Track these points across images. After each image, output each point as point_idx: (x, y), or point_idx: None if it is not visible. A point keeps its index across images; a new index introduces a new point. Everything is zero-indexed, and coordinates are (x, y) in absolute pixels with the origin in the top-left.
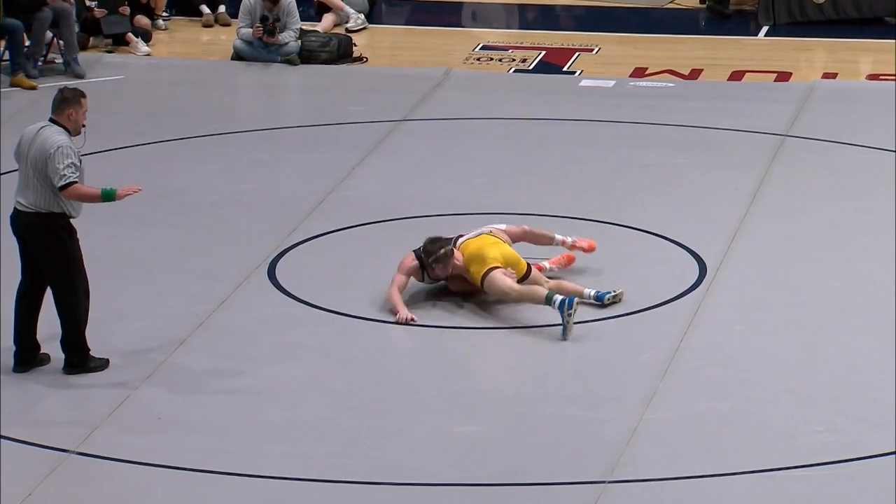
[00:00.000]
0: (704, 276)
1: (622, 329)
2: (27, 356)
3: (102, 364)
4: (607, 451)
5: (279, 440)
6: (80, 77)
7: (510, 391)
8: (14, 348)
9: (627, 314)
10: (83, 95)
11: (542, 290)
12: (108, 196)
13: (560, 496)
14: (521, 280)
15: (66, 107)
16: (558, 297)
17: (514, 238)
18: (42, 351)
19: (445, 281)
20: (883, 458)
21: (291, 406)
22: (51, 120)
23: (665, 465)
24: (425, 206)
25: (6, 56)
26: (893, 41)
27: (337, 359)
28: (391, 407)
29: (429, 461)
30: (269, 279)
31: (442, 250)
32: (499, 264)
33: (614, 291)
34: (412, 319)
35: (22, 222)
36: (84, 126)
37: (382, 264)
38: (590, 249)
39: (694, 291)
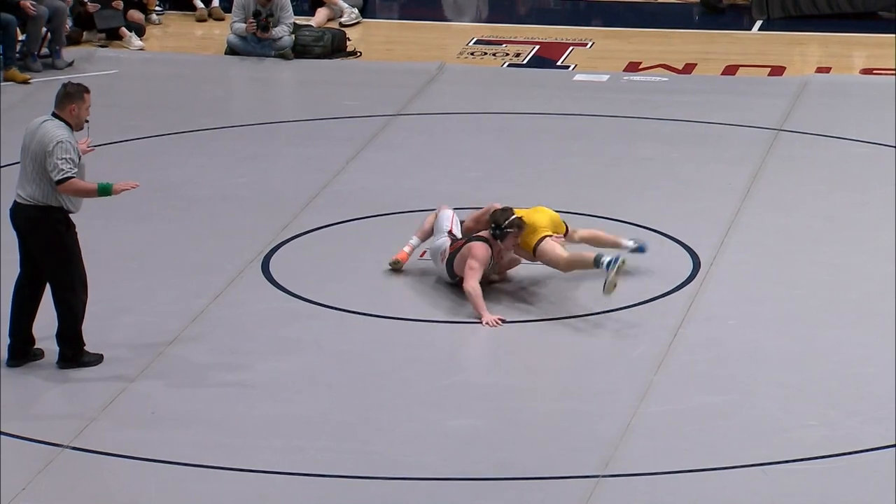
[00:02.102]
0: (698, 271)
1: (616, 323)
2: (22, 350)
3: (96, 359)
4: (601, 445)
5: (273, 434)
6: (58, 69)
7: (504, 385)
8: (9, 341)
9: (621, 308)
10: (86, 91)
11: (590, 254)
12: (104, 190)
13: (554, 490)
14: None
15: (69, 102)
16: (605, 258)
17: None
18: (36, 346)
19: (496, 262)
20: (877, 451)
21: (285, 400)
22: (53, 114)
23: (659, 459)
24: (420, 200)
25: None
26: (887, 35)
27: (331, 353)
28: (385, 401)
29: (423, 455)
30: (264, 273)
31: (515, 216)
32: (549, 232)
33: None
34: (500, 321)
35: (21, 215)
36: (87, 121)
37: (377, 259)
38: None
39: (688, 285)
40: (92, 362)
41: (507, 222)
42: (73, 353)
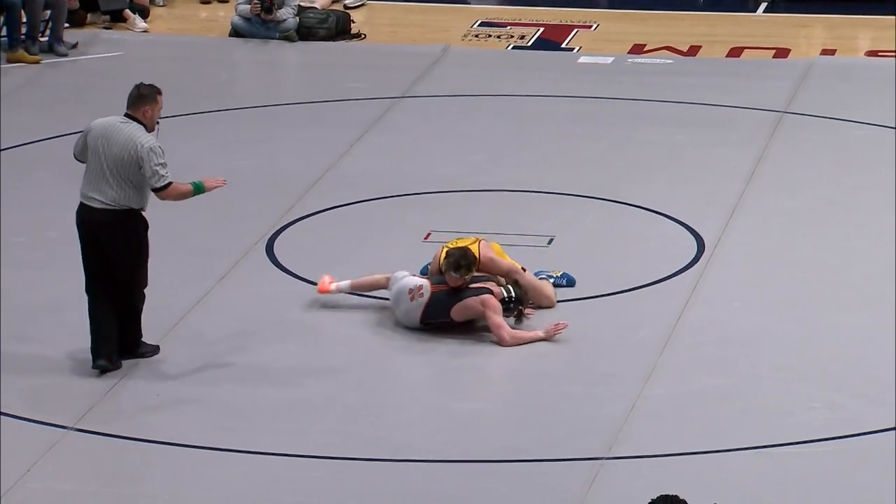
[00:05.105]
0: (702, 253)
1: (620, 306)
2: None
3: (153, 350)
4: (605, 428)
5: (277, 417)
6: (62, 56)
7: (508, 368)
8: (92, 351)
9: (625, 291)
10: (159, 92)
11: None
12: (198, 189)
13: (558, 473)
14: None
15: (143, 104)
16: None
17: None
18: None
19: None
20: (880, 434)
21: (289, 383)
22: (126, 115)
23: (663, 442)
24: (424, 183)
25: (4, 32)
26: (892, 17)
27: (335, 336)
28: (389, 384)
29: (427, 438)
30: (268, 256)
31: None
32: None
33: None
34: (560, 324)
35: (98, 219)
36: (158, 123)
37: (381, 241)
38: None
39: (692, 268)
40: (148, 353)
41: (521, 303)
42: (131, 343)
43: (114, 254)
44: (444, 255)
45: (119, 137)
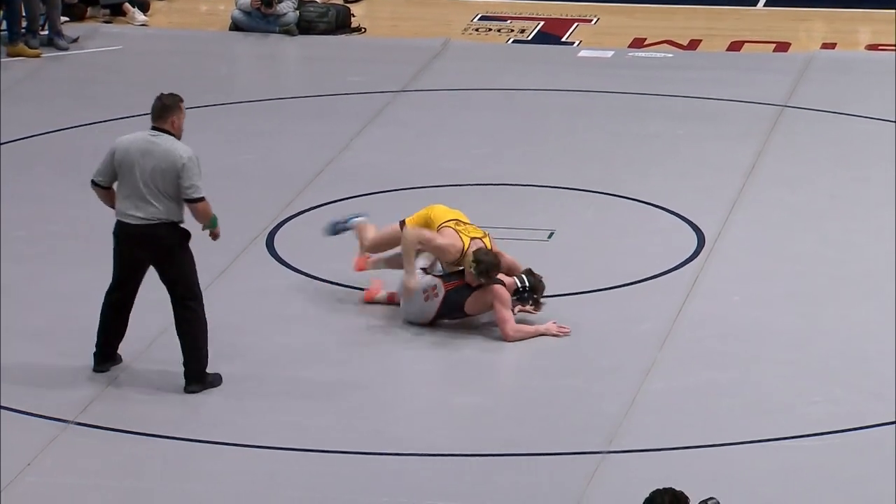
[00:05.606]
0: (703, 247)
1: (621, 300)
2: (108, 355)
3: (217, 380)
4: (606, 422)
5: (277, 411)
6: (63, 50)
7: (509, 362)
8: (96, 349)
9: (626, 285)
10: (181, 100)
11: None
12: (214, 222)
13: (559, 466)
14: None
15: (169, 114)
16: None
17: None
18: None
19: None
20: (881, 428)
21: (290, 377)
22: (154, 128)
23: (664, 436)
24: (424, 176)
25: (4, 26)
26: (892, 11)
27: (335, 330)
28: (390, 378)
29: (427, 432)
30: (268, 250)
31: (542, 282)
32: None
33: None
34: (560, 327)
35: (138, 235)
36: (182, 130)
37: None
38: None
39: (692, 262)
40: (215, 382)
41: (538, 294)
42: (200, 372)
43: (163, 268)
44: (473, 259)
45: (157, 150)
